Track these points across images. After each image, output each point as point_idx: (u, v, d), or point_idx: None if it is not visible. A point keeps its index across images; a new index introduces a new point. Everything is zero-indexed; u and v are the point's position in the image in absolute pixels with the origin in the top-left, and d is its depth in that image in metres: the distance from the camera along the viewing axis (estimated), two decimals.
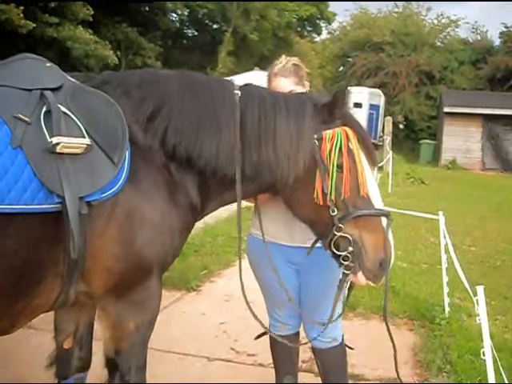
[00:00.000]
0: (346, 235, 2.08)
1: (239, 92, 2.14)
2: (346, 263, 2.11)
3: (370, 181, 2.15)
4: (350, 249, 2.08)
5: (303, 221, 2.25)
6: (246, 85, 2.23)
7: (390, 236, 2.11)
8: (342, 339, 2.81)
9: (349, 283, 2.28)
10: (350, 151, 2.09)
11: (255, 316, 2.34)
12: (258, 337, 2.86)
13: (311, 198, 2.09)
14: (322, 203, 2.08)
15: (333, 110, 2.12)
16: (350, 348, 2.85)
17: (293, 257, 2.62)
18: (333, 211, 2.07)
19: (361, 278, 2.13)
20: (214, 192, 2.20)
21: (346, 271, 2.13)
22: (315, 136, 2.10)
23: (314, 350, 2.85)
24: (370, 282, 2.15)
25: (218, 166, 2.09)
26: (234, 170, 2.10)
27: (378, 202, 2.14)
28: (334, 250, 2.12)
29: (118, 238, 1.89)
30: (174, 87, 2.09)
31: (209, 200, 2.22)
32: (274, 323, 2.83)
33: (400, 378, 2.36)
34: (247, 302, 2.31)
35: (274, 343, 2.87)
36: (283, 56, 2.69)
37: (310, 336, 2.77)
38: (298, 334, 2.90)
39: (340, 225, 2.08)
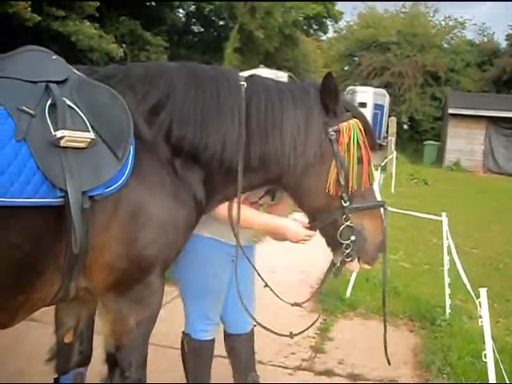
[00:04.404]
0: (351, 225, 2.17)
1: (245, 83, 2.14)
2: (347, 251, 2.19)
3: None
4: (353, 238, 2.18)
5: (309, 210, 2.27)
6: (252, 76, 2.23)
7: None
8: None
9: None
10: (364, 144, 2.17)
11: (254, 319, 2.35)
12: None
13: (323, 188, 2.13)
14: (334, 194, 2.13)
15: (334, 106, 2.15)
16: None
17: (233, 252, 2.54)
18: (345, 201, 2.14)
19: (355, 265, 2.26)
20: (218, 186, 2.19)
21: (346, 259, 2.22)
22: (330, 129, 2.14)
23: (238, 336, 2.78)
24: (365, 266, 2.29)
25: (223, 157, 2.08)
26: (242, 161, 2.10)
27: (377, 192, 2.29)
28: (340, 239, 2.19)
29: (120, 234, 1.88)
30: (179, 80, 2.08)
31: (213, 195, 2.21)
32: (206, 328, 2.67)
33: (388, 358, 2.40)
34: (241, 299, 2.32)
35: (228, 351, 2.82)
36: None
37: (245, 320, 2.72)
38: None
39: (349, 215, 2.16)
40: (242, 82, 2.14)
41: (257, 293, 2.67)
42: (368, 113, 23.74)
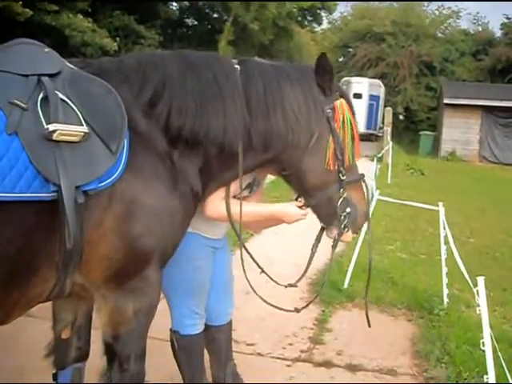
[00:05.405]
0: (346, 197, 2.29)
1: (238, 66, 2.17)
2: (344, 223, 2.30)
3: None
4: (348, 209, 2.29)
5: (308, 188, 2.31)
6: (245, 59, 2.27)
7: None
8: None
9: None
10: (353, 120, 2.31)
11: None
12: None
13: (322, 164, 2.23)
14: (332, 169, 2.24)
15: (330, 84, 2.23)
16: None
17: (216, 245, 2.66)
18: (343, 175, 2.25)
19: (349, 235, 2.41)
20: (216, 172, 2.20)
21: (343, 231, 2.34)
22: (326, 106, 2.23)
23: (219, 327, 2.78)
24: (353, 236, 2.47)
25: (225, 141, 2.10)
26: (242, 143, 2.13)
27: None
28: (339, 212, 2.29)
29: (116, 228, 1.87)
30: (173, 68, 2.07)
31: (210, 182, 2.22)
32: (195, 322, 2.66)
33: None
34: (251, 286, 2.39)
35: (208, 343, 2.79)
36: None
37: (227, 311, 2.80)
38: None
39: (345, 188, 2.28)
40: (236, 66, 2.17)
41: (257, 286, 2.67)
42: (363, 104, 23.78)
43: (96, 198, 1.80)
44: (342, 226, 2.32)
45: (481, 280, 2.77)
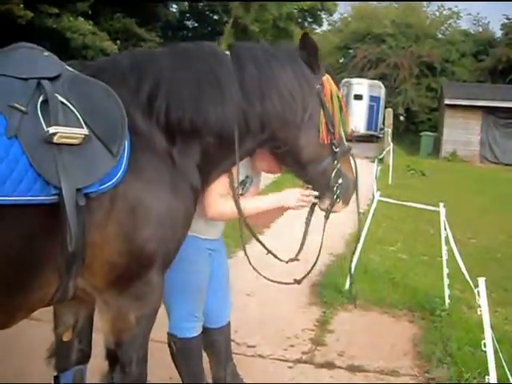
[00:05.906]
0: (340, 168, 2.35)
1: (228, 52, 2.22)
2: (337, 193, 2.36)
3: None
4: (340, 180, 2.35)
5: (302, 164, 2.35)
6: (234, 45, 2.33)
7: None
8: None
9: None
10: (341, 94, 2.39)
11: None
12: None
13: (316, 138, 2.29)
14: (326, 142, 2.30)
15: (317, 62, 2.31)
16: None
17: (212, 246, 2.68)
18: (336, 147, 2.31)
19: (340, 206, 2.44)
20: (215, 161, 2.23)
21: (336, 202, 2.39)
22: (317, 82, 2.30)
23: (218, 329, 2.78)
24: (344, 207, 2.47)
25: (223, 129, 2.13)
26: (239, 128, 2.15)
27: None
28: (332, 183, 2.35)
29: (118, 231, 1.87)
30: (167, 62, 2.10)
31: (211, 171, 2.24)
32: (192, 325, 2.65)
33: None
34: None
35: (208, 346, 2.79)
36: None
37: (225, 313, 2.81)
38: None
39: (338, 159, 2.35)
40: (226, 52, 2.22)
41: (258, 287, 2.68)
42: (364, 105, 23.81)
43: (98, 200, 1.80)
44: (335, 196, 2.37)
45: (482, 281, 2.77)
